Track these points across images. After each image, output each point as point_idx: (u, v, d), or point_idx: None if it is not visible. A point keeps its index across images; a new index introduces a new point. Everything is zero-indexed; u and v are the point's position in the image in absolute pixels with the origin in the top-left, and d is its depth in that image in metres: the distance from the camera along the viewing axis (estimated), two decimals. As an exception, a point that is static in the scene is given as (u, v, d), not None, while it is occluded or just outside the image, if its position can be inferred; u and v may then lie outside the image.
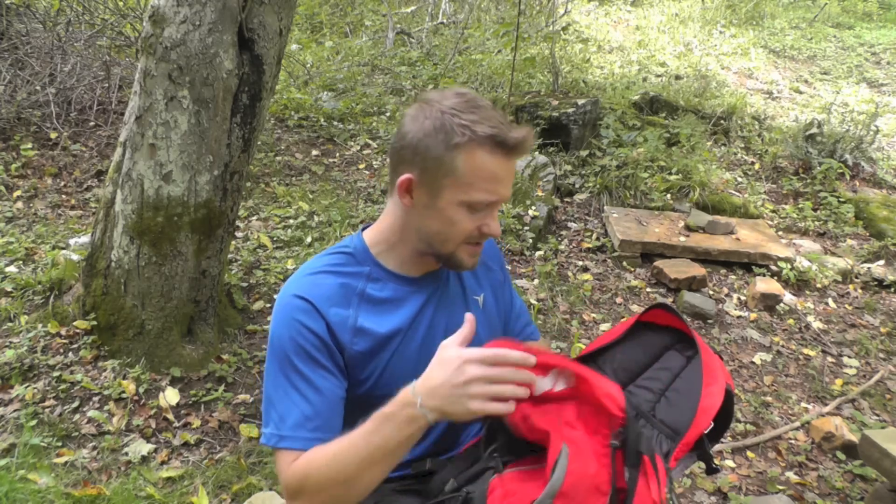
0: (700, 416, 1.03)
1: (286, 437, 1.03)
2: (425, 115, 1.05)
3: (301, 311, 1.07)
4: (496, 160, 1.04)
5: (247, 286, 3.12)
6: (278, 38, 2.47)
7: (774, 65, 7.78)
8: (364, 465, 0.97)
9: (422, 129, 1.05)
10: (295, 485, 1.01)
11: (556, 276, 3.65)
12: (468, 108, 1.04)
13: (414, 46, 7.19)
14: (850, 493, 2.39)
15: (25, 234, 3.33)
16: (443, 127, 1.03)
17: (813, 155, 5.06)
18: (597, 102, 5.15)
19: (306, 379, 1.05)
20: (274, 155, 4.56)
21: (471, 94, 1.08)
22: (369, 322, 1.11)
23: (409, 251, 1.15)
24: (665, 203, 4.44)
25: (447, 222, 1.08)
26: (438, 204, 1.07)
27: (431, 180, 1.06)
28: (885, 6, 10.39)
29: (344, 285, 1.11)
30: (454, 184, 1.05)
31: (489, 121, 1.03)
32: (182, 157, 2.35)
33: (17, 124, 4.11)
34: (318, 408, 1.05)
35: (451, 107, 1.04)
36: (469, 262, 1.14)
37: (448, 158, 1.03)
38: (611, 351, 1.20)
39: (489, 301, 1.29)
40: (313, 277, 1.11)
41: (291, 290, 1.09)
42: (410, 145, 1.06)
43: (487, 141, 1.02)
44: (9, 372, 2.37)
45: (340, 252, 1.16)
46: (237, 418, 2.42)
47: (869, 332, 3.49)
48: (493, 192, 1.06)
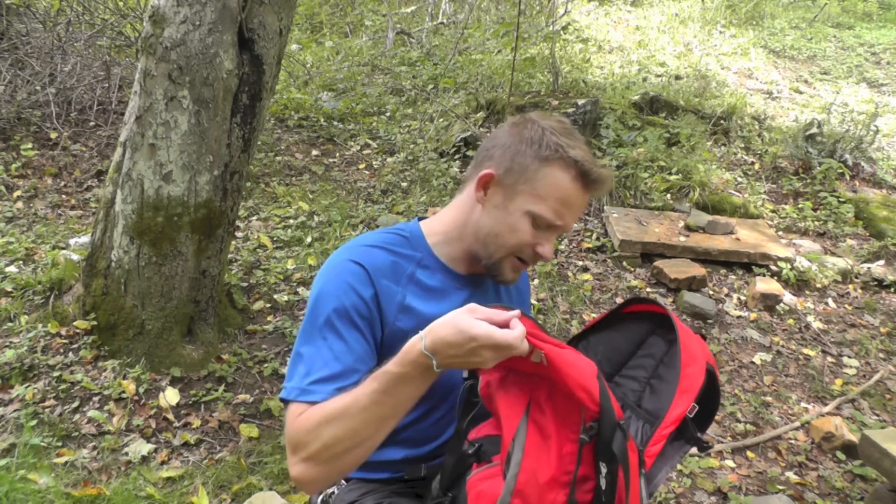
0: (679, 397, 1.04)
1: (306, 391, 1.02)
2: (525, 126, 1.12)
3: (354, 274, 1.08)
4: (574, 187, 1.09)
5: (247, 286, 3.12)
6: (278, 38, 2.47)
7: (774, 65, 7.78)
8: (374, 424, 0.98)
9: (519, 135, 1.11)
10: (298, 439, 1.00)
11: (556, 275, 3.65)
12: (566, 133, 1.10)
13: (414, 46, 7.19)
14: (850, 493, 2.39)
15: (25, 234, 3.33)
16: (539, 139, 1.09)
17: (813, 155, 5.05)
18: (597, 102, 5.15)
19: (342, 339, 1.05)
20: (274, 155, 4.56)
21: (569, 123, 1.14)
22: (416, 303, 1.13)
23: (463, 248, 1.18)
24: (665, 203, 4.44)
25: (510, 227, 1.11)
26: (509, 207, 1.11)
27: (511, 182, 1.10)
28: (885, 6, 10.39)
29: (395, 263, 1.14)
30: (530, 193, 1.09)
31: (581, 150, 1.09)
32: (182, 157, 2.35)
33: (17, 124, 4.11)
34: (346, 369, 1.04)
35: (551, 126, 1.11)
36: (511, 276, 1.17)
37: (534, 167, 1.09)
38: (592, 339, 1.21)
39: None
40: (369, 249, 1.13)
41: (346, 255, 1.11)
42: (503, 145, 1.12)
43: (574, 165, 1.08)
44: (9, 372, 2.37)
45: (396, 234, 1.19)
46: (237, 418, 2.42)
47: (869, 332, 3.49)
48: (560, 214, 1.10)
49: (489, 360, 0.93)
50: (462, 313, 0.94)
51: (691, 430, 1.05)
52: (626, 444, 0.93)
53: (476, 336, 0.91)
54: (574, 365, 0.95)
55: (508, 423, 0.97)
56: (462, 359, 0.93)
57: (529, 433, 0.95)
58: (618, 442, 0.92)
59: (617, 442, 0.92)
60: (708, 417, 1.10)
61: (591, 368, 0.96)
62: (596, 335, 1.21)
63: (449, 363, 0.94)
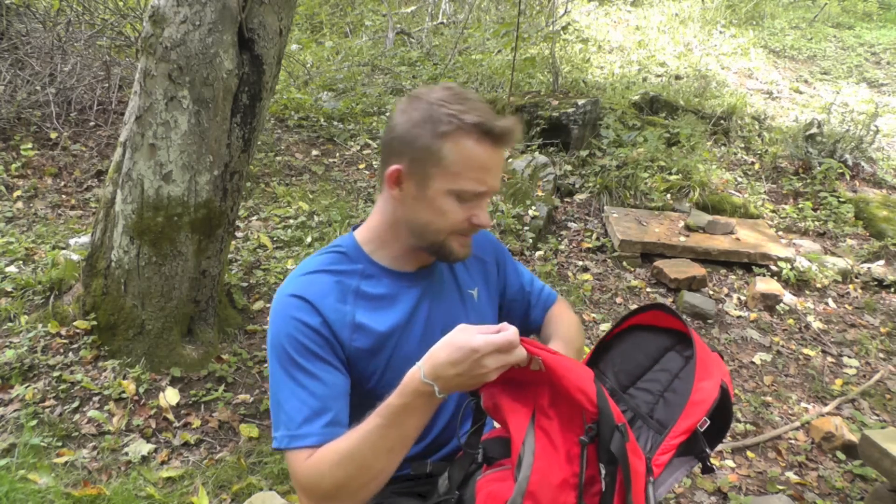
0: (689, 408, 1.03)
1: (297, 437, 1.02)
2: (413, 107, 1.07)
3: (297, 308, 1.07)
4: (483, 149, 1.05)
5: (247, 286, 3.12)
6: (278, 38, 2.47)
7: (774, 65, 7.78)
8: (383, 457, 0.98)
9: (410, 119, 1.06)
10: (309, 483, 1.01)
11: (556, 276, 3.65)
12: (456, 100, 1.05)
13: (414, 46, 7.19)
14: (850, 493, 2.39)
15: (25, 234, 3.33)
16: (430, 117, 1.04)
17: (813, 155, 5.05)
18: (597, 102, 5.15)
19: (310, 374, 1.05)
20: (274, 155, 4.56)
21: (458, 87, 1.09)
22: (367, 318, 1.11)
23: (401, 247, 1.16)
24: (665, 203, 4.44)
25: (437, 212, 1.08)
26: (427, 194, 1.07)
27: (420, 170, 1.07)
28: (885, 6, 10.39)
29: (339, 283, 1.12)
30: (442, 173, 1.05)
31: (476, 111, 1.04)
32: (182, 157, 2.35)
33: (17, 124, 4.11)
34: (325, 402, 1.04)
35: (438, 98, 1.05)
36: (461, 253, 1.14)
37: (436, 147, 1.04)
38: (610, 353, 1.21)
39: (482, 294, 1.30)
40: (308, 277, 1.12)
41: (287, 290, 1.10)
42: (399, 136, 1.08)
43: (474, 129, 1.03)
44: (9, 372, 2.37)
45: (333, 252, 1.17)
46: (237, 418, 2.42)
47: (869, 332, 3.49)
48: (481, 181, 1.06)
49: (493, 370, 0.93)
50: (455, 333, 0.94)
51: (700, 445, 1.03)
52: (626, 445, 0.92)
53: (476, 346, 0.91)
54: (571, 369, 0.95)
55: (517, 429, 0.97)
56: (467, 376, 0.92)
57: (538, 437, 0.95)
58: (616, 443, 0.91)
59: (615, 443, 0.91)
60: (718, 435, 1.08)
61: (588, 373, 0.96)
62: (612, 349, 1.21)
63: (454, 385, 0.94)
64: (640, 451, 0.98)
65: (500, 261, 1.36)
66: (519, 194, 4.17)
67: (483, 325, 0.95)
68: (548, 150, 4.83)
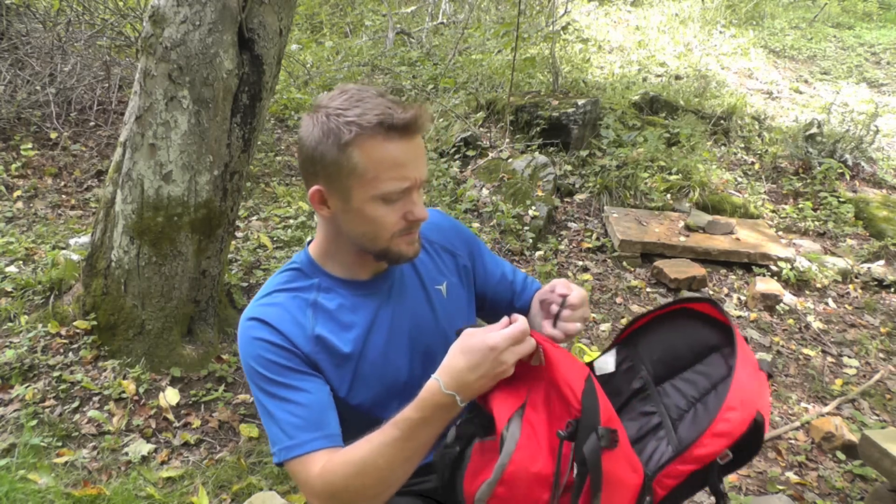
0: (708, 438, 0.95)
1: (293, 447, 1.03)
2: (314, 122, 1.03)
3: (257, 329, 1.07)
4: (393, 145, 1.01)
5: (247, 286, 3.12)
6: (278, 38, 2.47)
7: (774, 65, 7.78)
8: (400, 468, 0.99)
9: (312, 137, 1.03)
10: (325, 494, 1.01)
11: (556, 276, 3.65)
12: (352, 104, 1.01)
13: (414, 46, 7.19)
14: (850, 493, 2.39)
15: (25, 234, 3.33)
16: (330, 130, 1.01)
17: (813, 155, 5.05)
18: (597, 102, 5.15)
19: (287, 386, 1.05)
20: (274, 155, 4.56)
21: (355, 88, 1.05)
22: (328, 333, 1.10)
23: (349, 256, 1.14)
24: (665, 203, 4.44)
25: (369, 221, 1.05)
26: (353, 206, 1.04)
27: (338, 185, 1.04)
28: (885, 6, 10.39)
29: (296, 297, 1.12)
30: (360, 182, 1.02)
31: (374, 110, 1.00)
32: (182, 157, 2.35)
33: (17, 124, 4.11)
34: (310, 407, 1.04)
35: (336, 107, 1.02)
36: (410, 251, 1.11)
37: (345, 159, 1.01)
38: (650, 337, 1.13)
39: (454, 288, 1.27)
40: (265, 299, 1.12)
41: (246, 315, 1.10)
42: (308, 157, 1.05)
43: (377, 129, 1.00)
44: (9, 372, 2.37)
45: (289, 269, 1.17)
46: (237, 418, 2.42)
47: (869, 332, 3.49)
48: (401, 177, 1.03)
49: (511, 363, 0.94)
50: (465, 339, 0.96)
51: (714, 478, 0.96)
52: (601, 450, 0.89)
53: (494, 344, 0.92)
54: (564, 362, 0.94)
55: (500, 415, 0.96)
56: (489, 376, 0.94)
57: (523, 428, 0.94)
58: (589, 445, 0.88)
59: (588, 445, 0.88)
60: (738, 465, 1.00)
61: (582, 370, 0.95)
62: (654, 333, 1.13)
63: (476, 389, 0.95)
64: (637, 463, 0.95)
65: (473, 252, 1.33)
66: (519, 194, 4.17)
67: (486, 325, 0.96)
68: (548, 150, 4.83)
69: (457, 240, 1.31)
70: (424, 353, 1.18)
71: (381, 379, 1.14)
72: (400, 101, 1.03)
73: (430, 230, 1.26)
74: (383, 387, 1.14)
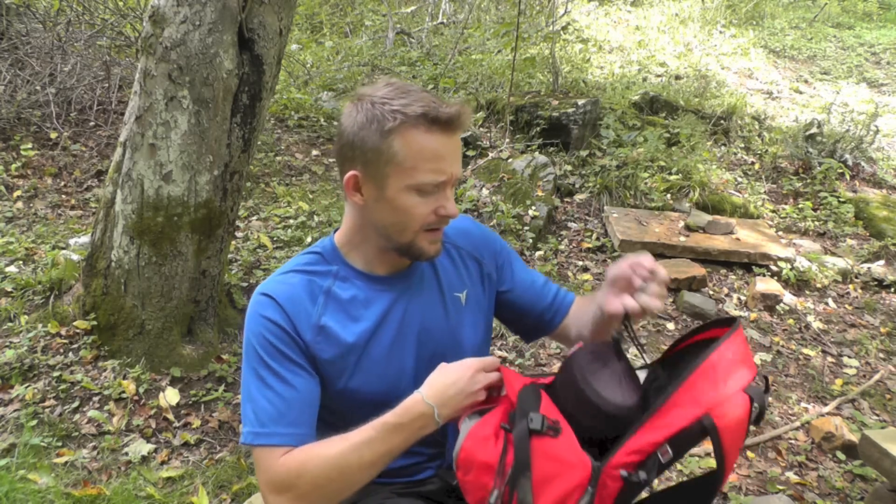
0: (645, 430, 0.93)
1: (262, 434, 1.03)
2: (357, 109, 1.05)
3: (263, 305, 1.09)
4: (434, 138, 1.03)
5: (247, 286, 3.12)
6: (278, 38, 2.47)
7: (774, 65, 7.78)
8: (366, 469, 1.02)
9: (356, 123, 1.05)
10: (285, 480, 1.01)
11: (556, 276, 3.65)
12: (398, 95, 1.04)
13: (414, 46, 7.19)
14: (850, 493, 2.39)
15: (25, 234, 3.33)
16: (375, 117, 1.03)
17: (813, 155, 5.05)
18: (597, 102, 5.15)
19: (277, 374, 1.06)
20: (274, 155, 4.56)
21: (400, 81, 1.08)
22: (333, 322, 1.11)
23: (372, 249, 1.15)
24: (665, 203, 4.44)
25: (400, 211, 1.06)
26: (387, 194, 1.06)
27: (375, 172, 1.05)
28: (885, 6, 10.39)
29: (311, 282, 1.12)
30: (397, 170, 1.04)
31: (420, 101, 1.02)
32: (182, 157, 2.35)
33: (17, 124, 4.11)
34: (291, 403, 1.05)
35: (381, 97, 1.04)
36: (431, 250, 1.12)
37: (385, 146, 1.03)
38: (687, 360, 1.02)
39: (474, 297, 1.25)
40: (282, 276, 1.13)
41: (260, 289, 1.12)
42: (348, 142, 1.06)
43: (421, 120, 1.02)
44: (9, 372, 2.37)
45: (311, 252, 1.18)
46: (237, 418, 2.42)
47: (869, 332, 3.49)
48: (438, 171, 1.04)
49: (482, 385, 1.05)
50: (443, 365, 1.07)
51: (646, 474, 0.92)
52: (529, 434, 0.95)
53: (470, 364, 1.05)
54: (517, 376, 1.06)
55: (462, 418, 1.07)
56: (465, 392, 1.03)
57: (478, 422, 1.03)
58: (519, 427, 0.96)
59: (518, 427, 0.96)
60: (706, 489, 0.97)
61: (527, 380, 1.05)
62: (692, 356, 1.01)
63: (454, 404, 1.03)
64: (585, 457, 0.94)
65: (500, 260, 1.31)
66: (519, 194, 4.17)
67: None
68: (548, 150, 4.83)
69: (484, 247, 1.30)
70: (431, 356, 1.17)
71: (383, 375, 1.14)
72: (444, 98, 1.07)
73: (458, 236, 1.26)
74: (385, 384, 1.14)
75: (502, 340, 3.08)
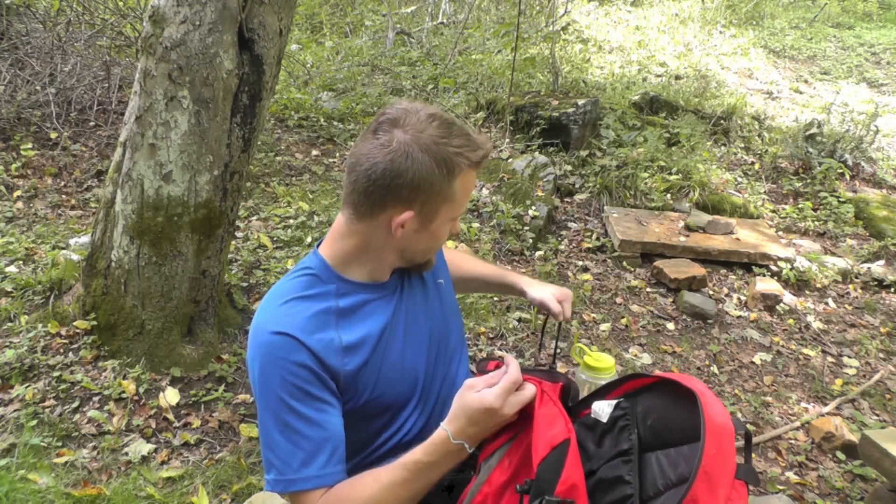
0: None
1: (295, 481, 1.02)
2: (417, 148, 1.02)
3: (282, 347, 1.03)
4: (474, 173, 1.10)
5: (247, 286, 3.12)
6: (278, 38, 2.47)
7: (774, 65, 7.79)
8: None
9: (423, 166, 1.02)
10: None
11: (556, 276, 3.65)
12: (449, 133, 1.05)
13: (414, 46, 7.19)
14: (850, 493, 2.39)
15: (25, 234, 3.33)
16: (444, 161, 1.04)
17: (813, 155, 5.05)
18: (597, 102, 5.15)
19: (304, 418, 1.03)
20: (274, 155, 4.56)
21: (439, 113, 1.07)
22: (353, 336, 1.10)
23: (380, 265, 1.15)
24: (665, 203, 4.44)
25: (436, 238, 1.13)
26: (432, 227, 1.10)
27: (429, 210, 1.07)
28: (885, 6, 10.39)
29: (317, 306, 1.09)
30: (450, 207, 1.09)
31: (471, 143, 1.07)
32: (182, 157, 2.35)
33: (17, 124, 4.11)
34: (320, 445, 1.04)
35: (438, 137, 1.03)
36: (434, 261, 1.23)
37: (447, 185, 1.06)
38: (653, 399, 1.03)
39: (447, 282, 1.35)
40: (285, 308, 1.08)
41: (267, 326, 1.05)
42: (412, 184, 1.03)
43: (476, 164, 1.08)
44: (9, 372, 2.37)
45: (304, 275, 1.13)
46: (237, 418, 2.42)
47: (869, 332, 3.49)
48: (469, 199, 1.15)
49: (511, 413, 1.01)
50: (464, 394, 1.01)
51: None
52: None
53: (489, 406, 0.98)
54: (544, 422, 0.98)
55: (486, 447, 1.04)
56: (490, 426, 1.01)
57: (501, 462, 1.01)
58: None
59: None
60: None
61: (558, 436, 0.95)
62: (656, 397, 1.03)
63: (483, 436, 1.02)
64: None
65: None
66: (519, 194, 4.17)
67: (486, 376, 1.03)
68: (548, 150, 4.83)
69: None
70: (437, 348, 1.23)
71: (401, 378, 1.16)
72: (471, 130, 1.11)
73: None
74: (404, 386, 1.16)
75: (502, 340, 3.08)
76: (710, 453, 0.87)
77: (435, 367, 1.21)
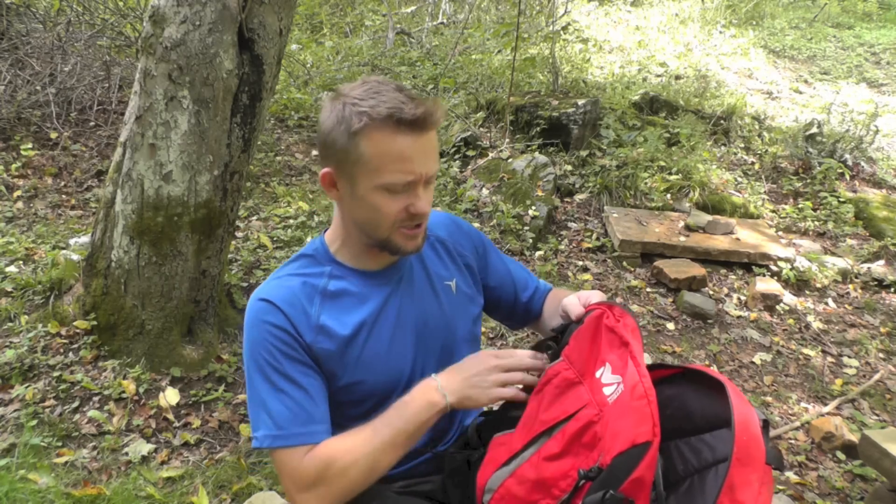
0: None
1: (281, 436, 1.05)
2: (332, 108, 1.08)
3: (264, 311, 1.11)
4: (401, 139, 1.03)
5: (247, 286, 3.12)
6: (278, 38, 2.47)
7: (774, 65, 7.78)
8: (387, 449, 1.05)
9: (328, 122, 1.08)
10: (313, 476, 1.04)
11: (556, 276, 3.65)
12: (369, 95, 1.05)
13: (414, 46, 7.19)
14: (850, 493, 2.39)
15: (25, 234, 3.33)
16: (343, 118, 1.05)
17: (813, 155, 5.05)
18: (597, 102, 5.15)
19: (287, 377, 1.08)
20: (274, 155, 4.56)
21: (376, 80, 1.08)
22: (331, 320, 1.13)
23: (358, 245, 1.18)
24: (665, 203, 4.44)
25: (371, 209, 1.09)
26: (358, 192, 1.09)
27: (345, 171, 1.08)
28: (885, 6, 10.39)
29: (306, 284, 1.15)
30: (365, 171, 1.06)
31: (387, 102, 1.03)
32: (182, 157, 2.35)
33: (17, 124, 4.11)
34: (304, 403, 1.08)
35: (354, 97, 1.05)
36: (409, 246, 1.14)
37: (352, 147, 1.05)
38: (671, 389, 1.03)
39: (462, 286, 1.30)
40: (278, 281, 1.16)
41: (257, 295, 1.14)
42: (323, 140, 1.10)
43: (386, 122, 1.02)
44: (9, 372, 2.37)
45: (304, 256, 1.20)
46: (237, 418, 2.42)
47: (869, 332, 3.49)
48: (405, 171, 1.05)
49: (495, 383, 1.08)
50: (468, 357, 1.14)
51: None
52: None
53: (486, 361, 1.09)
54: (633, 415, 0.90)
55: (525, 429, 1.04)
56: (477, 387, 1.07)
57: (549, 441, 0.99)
58: (591, 499, 0.87)
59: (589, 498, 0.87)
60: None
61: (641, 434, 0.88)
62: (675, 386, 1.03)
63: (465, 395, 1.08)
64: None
65: (479, 251, 1.37)
66: (519, 194, 4.17)
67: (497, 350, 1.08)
68: (548, 150, 4.82)
69: (464, 239, 1.34)
70: (430, 346, 1.22)
71: (384, 368, 1.16)
72: (416, 96, 1.06)
73: (439, 229, 1.31)
74: (388, 376, 1.17)
75: (502, 341, 3.08)
76: (741, 439, 0.88)
77: (424, 363, 1.21)
